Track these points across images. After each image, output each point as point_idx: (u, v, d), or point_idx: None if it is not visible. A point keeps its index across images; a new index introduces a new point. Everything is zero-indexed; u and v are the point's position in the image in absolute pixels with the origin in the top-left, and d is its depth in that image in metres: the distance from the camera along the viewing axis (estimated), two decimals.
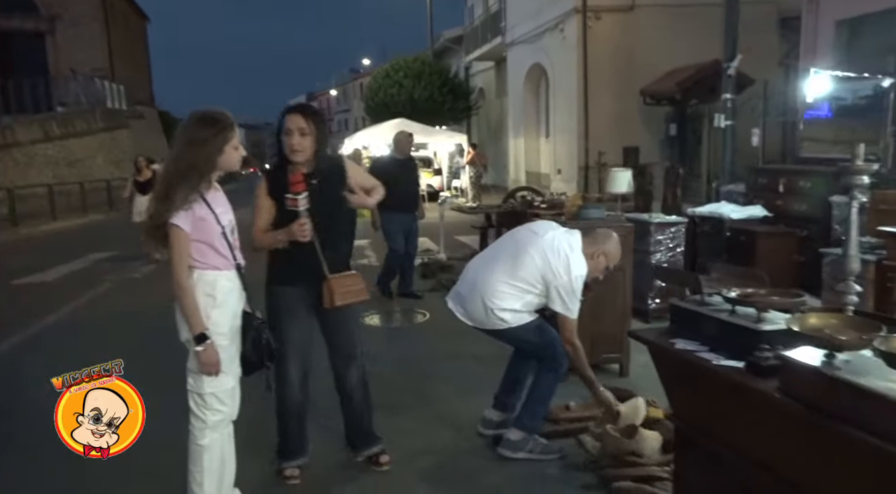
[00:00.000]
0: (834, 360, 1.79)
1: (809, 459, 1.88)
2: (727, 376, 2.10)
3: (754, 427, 2.09)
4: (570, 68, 15.63)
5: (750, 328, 2.17)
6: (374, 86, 23.43)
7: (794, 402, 1.84)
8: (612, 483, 2.97)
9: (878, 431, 1.58)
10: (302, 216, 2.85)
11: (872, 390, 1.61)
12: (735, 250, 5.66)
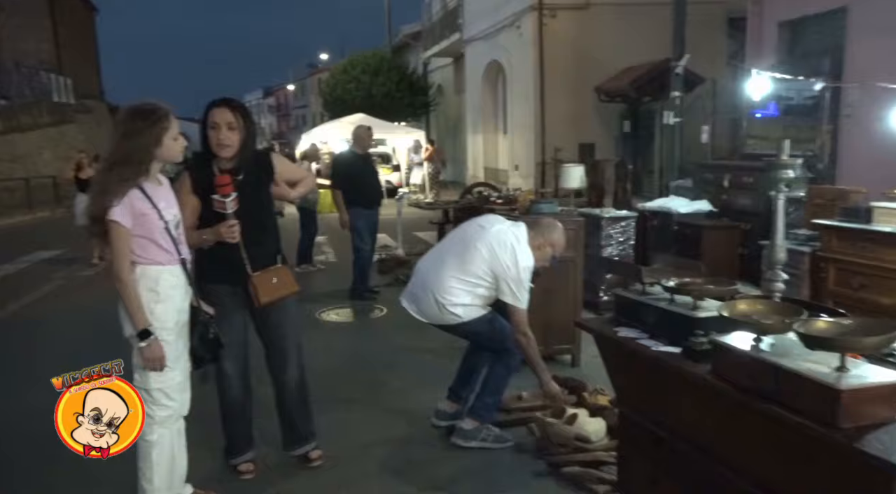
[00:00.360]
0: (760, 343, 1.90)
1: (741, 438, 1.98)
2: (665, 361, 2.20)
3: (691, 410, 2.19)
4: (526, 65, 15.79)
5: (686, 315, 2.27)
6: (331, 82, 23.25)
7: (725, 384, 1.94)
8: (562, 468, 3.06)
9: (798, 408, 1.69)
10: (230, 218, 2.80)
11: (793, 370, 1.72)
12: (683, 243, 5.84)
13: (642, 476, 2.48)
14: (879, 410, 1.62)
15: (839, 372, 1.65)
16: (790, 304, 2.06)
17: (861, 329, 1.73)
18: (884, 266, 3.61)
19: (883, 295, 3.62)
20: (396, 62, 24.20)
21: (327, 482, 3.10)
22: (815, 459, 1.70)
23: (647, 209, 6.39)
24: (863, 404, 1.60)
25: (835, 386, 1.60)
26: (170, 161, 2.62)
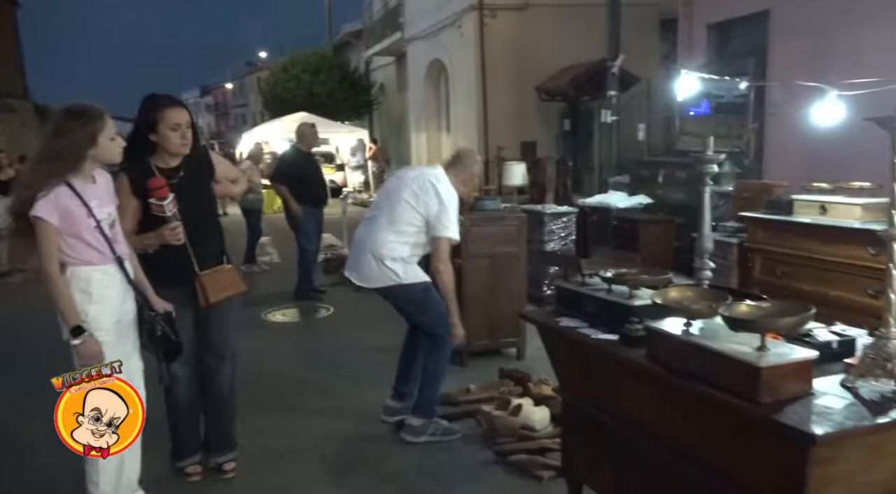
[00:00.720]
0: (690, 328, 2.02)
1: (674, 418, 2.11)
2: (603, 348, 2.31)
3: (628, 393, 2.31)
4: (468, 65, 15.94)
5: (623, 304, 2.39)
6: (271, 81, 22.86)
7: (659, 367, 2.06)
8: (508, 457, 3.15)
9: (724, 386, 1.82)
10: (172, 220, 2.77)
11: (718, 350, 1.84)
12: (621, 237, 6.05)
13: (584, 460, 2.59)
14: (795, 385, 1.76)
15: (760, 351, 1.78)
16: (717, 291, 2.20)
17: (778, 311, 1.87)
18: (804, 254, 3.84)
19: (804, 283, 3.86)
20: (338, 61, 23.98)
21: (278, 480, 3.10)
22: (740, 433, 1.83)
23: (587, 205, 6.58)
24: (780, 380, 1.74)
25: (755, 364, 1.73)
26: (106, 161, 2.58)
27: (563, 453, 2.80)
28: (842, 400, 1.72)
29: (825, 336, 2.09)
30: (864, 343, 1.99)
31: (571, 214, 6.15)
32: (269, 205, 13.18)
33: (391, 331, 5.38)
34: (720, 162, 2.35)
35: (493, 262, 4.58)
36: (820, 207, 3.83)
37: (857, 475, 1.69)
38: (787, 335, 2.09)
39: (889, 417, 1.64)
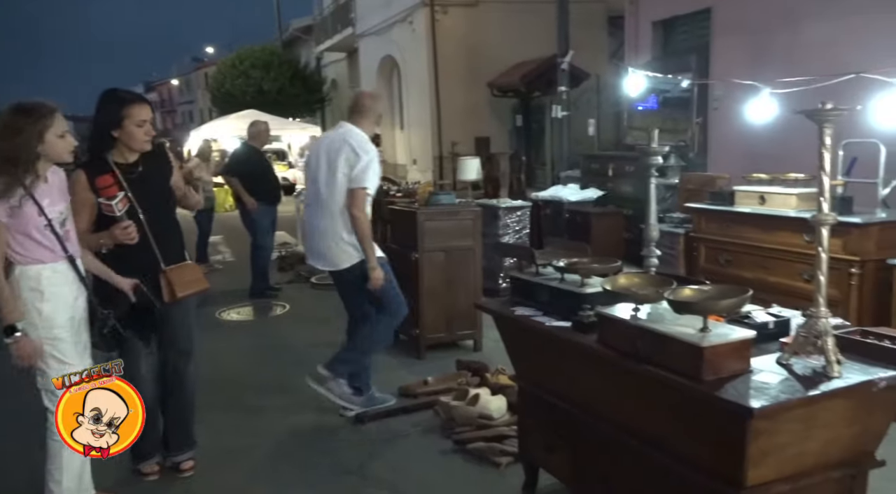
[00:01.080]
0: (638, 312, 2.12)
1: (625, 399, 2.20)
2: (557, 335, 2.39)
3: (581, 378, 2.40)
4: (420, 61, 15.96)
5: (575, 292, 2.48)
6: (219, 77, 22.40)
7: (610, 350, 2.15)
8: (467, 445, 3.22)
9: (670, 366, 1.91)
10: (122, 219, 2.71)
11: (664, 333, 1.94)
12: (573, 229, 6.20)
13: (540, 444, 2.68)
14: (735, 363, 1.87)
15: (702, 332, 1.88)
16: (663, 277, 2.30)
17: (718, 294, 1.98)
18: (745, 243, 4.02)
19: (745, 270, 4.04)
20: (288, 57, 23.65)
21: (236, 478, 3.09)
22: (686, 410, 1.93)
23: (540, 198, 6.70)
24: (721, 358, 1.84)
25: (698, 344, 1.83)
26: (56, 160, 2.53)
27: (519, 439, 2.88)
28: (777, 376, 1.84)
29: (763, 317, 2.21)
30: (797, 323, 2.12)
31: (525, 208, 6.26)
32: (220, 204, 12.96)
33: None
34: (665, 155, 2.45)
35: (449, 256, 4.64)
36: (759, 198, 4.01)
37: (792, 446, 1.81)
38: (728, 317, 2.23)
39: (819, 390, 1.76)
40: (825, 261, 1.88)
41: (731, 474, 1.81)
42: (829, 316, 1.88)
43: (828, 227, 1.88)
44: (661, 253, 5.03)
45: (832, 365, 1.82)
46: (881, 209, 3.70)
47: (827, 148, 1.84)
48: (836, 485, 1.96)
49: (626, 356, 2.07)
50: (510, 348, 2.82)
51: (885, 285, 3.34)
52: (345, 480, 3.01)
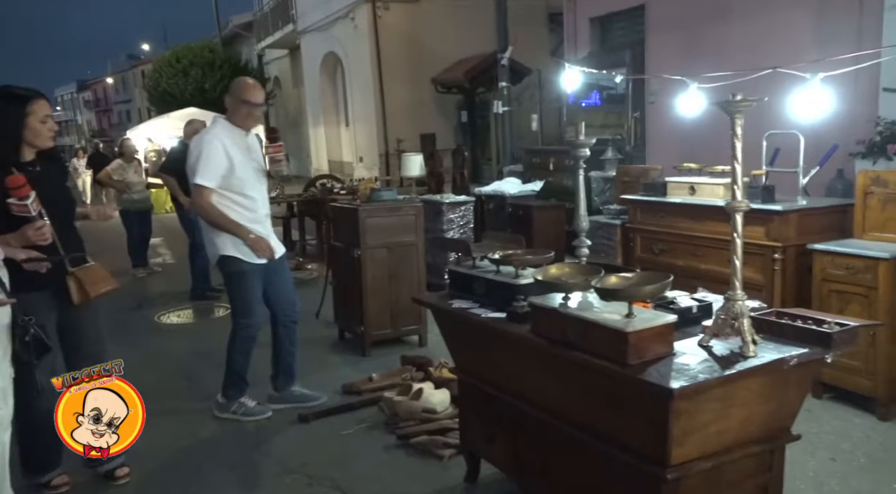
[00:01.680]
0: (568, 301, 2.17)
1: (558, 386, 2.25)
2: (492, 326, 2.43)
3: (517, 367, 2.44)
4: (363, 57, 15.86)
5: (509, 283, 2.52)
6: (155, 76, 21.72)
7: (542, 339, 2.20)
8: (410, 439, 3.23)
9: (598, 352, 1.97)
10: (37, 220, 2.59)
11: (592, 320, 2.00)
12: (516, 223, 6.27)
13: (480, 434, 2.72)
14: (659, 347, 1.94)
15: (627, 318, 1.94)
16: (592, 266, 2.36)
17: (642, 281, 2.05)
18: (677, 232, 4.16)
19: (678, 258, 4.17)
20: (228, 54, 23.11)
21: (176, 482, 3.03)
22: (614, 394, 1.99)
23: (483, 193, 6.76)
24: (645, 342, 1.90)
25: (623, 330, 1.89)
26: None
27: (460, 430, 2.91)
28: (697, 358, 1.92)
29: (687, 302, 2.29)
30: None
31: (469, 203, 6.30)
32: (161, 205, 12.59)
33: None
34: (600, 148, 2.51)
35: (392, 252, 4.64)
36: (689, 188, 4.15)
37: (712, 424, 1.89)
38: (656, 303, 2.31)
39: (735, 369, 1.84)
40: (740, 247, 1.97)
41: (656, 454, 1.88)
42: (745, 298, 1.97)
43: (741, 214, 1.96)
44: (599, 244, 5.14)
45: (748, 345, 1.91)
46: (802, 197, 3.88)
47: (738, 137, 1.92)
48: (755, 460, 2.05)
49: (557, 344, 2.12)
50: (449, 341, 2.85)
51: (806, 269, 3.51)
52: (287, 479, 2.98)
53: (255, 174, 3.51)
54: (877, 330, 3.18)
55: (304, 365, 4.47)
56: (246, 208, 3.46)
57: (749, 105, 1.89)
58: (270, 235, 3.61)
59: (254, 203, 3.49)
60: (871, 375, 3.22)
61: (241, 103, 3.45)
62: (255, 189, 3.51)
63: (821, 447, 3.00)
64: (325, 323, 5.30)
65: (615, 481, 2.05)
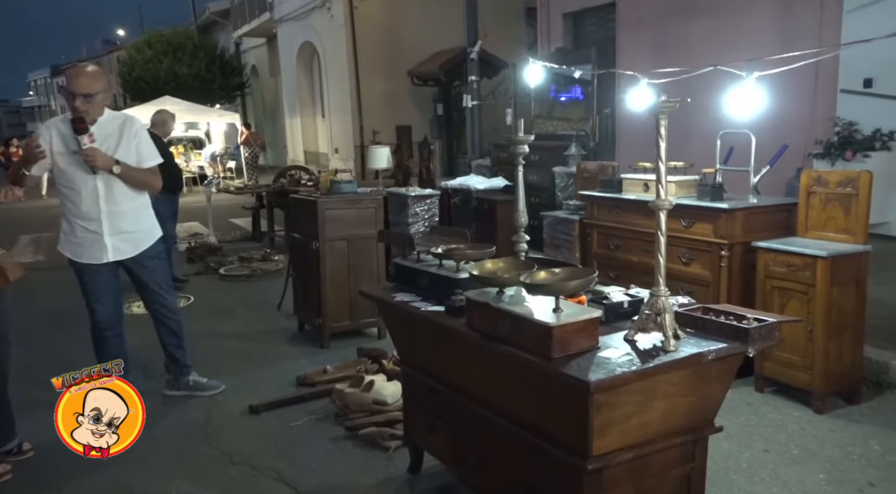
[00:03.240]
0: (502, 295, 2.20)
1: (492, 379, 2.29)
2: (431, 319, 2.45)
3: (454, 360, 2.47)
4: (339, 48, 15.76)
5: (449, 277, 2.54)
6: (129, 62, 21.40)
7: (475, 333, 2.23)
8: (359, 431, 3.26)
9: (526, 346, 2.00)
10: None
11: (520, 314, 2.03)
12: (481, 217, 6.31)
13: (422, 424, 2.75)
14: (584, 341, 1.97)
15: (554, 313, 1.98)
16: (527, 261, 2.40)
17: (568, 276, 2.08)
18: (631, 229, 4.21)
19: (632, 254, 4.23)
20: (204, 41, 22.84)
21: (120, 472, 3.02)
22: (540, 387, 2.03)
23: (449, 187, 6.78)
24: (570, 336, 1.94)
25: (548, 324, 1.93)
26: None
27: (404, 422, 2.94)
28: (620, 352, 1.96)
29: (619, 297, 2.34)
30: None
31: (434, 196, 6.32)
32: None
33: (251, 319, 5.37)
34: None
35: (351, 245, 4.64)
36: (643, 185, 4.20)
37: (633, 417, 1.94)
38: (590, 298, 2.35)
39: (654, 363, 1.88)
40: (664, 244, 2.01)
41: (579, 445, 1.92)
42: (668, 294, 2.01)
43: (665, 212, 2.00)
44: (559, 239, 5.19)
45: (669, 339, 1.95)
46: (753, 195, 3.95)
47: (662, 137, 1.96)
48: (678, 451, 2.11)
49: (489, 337, 2.16)
50: (392, 332, 2.88)
51: (751, 266, 3.58)
52: (231, 470, 2.99)
53: (83, 167, 3.34)
54: (814, 326, 3.27)
55: (262, 356, 4.49)
56: (72, 201, 3.41)
57: (672, 106, 1.93)
58: (104, 234, 3.44)
59: (78, 197, 3.37)
60: (809, 370, 3.31)
61: (66, 92, 3.37)
62: (82, 183, 3.36)
63: (757, 439, 3.08)
64: (285, 314, 5.31)
65: (543, 473, 2.09)
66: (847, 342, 3.36)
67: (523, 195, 2.59)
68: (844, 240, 3.32)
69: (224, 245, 8.51)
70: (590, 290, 2.41)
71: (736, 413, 3.32)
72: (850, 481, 2.71)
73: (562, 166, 6.19)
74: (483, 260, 2.43)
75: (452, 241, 2.85)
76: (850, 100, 6.28)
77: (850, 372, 3.41)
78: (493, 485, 2.37)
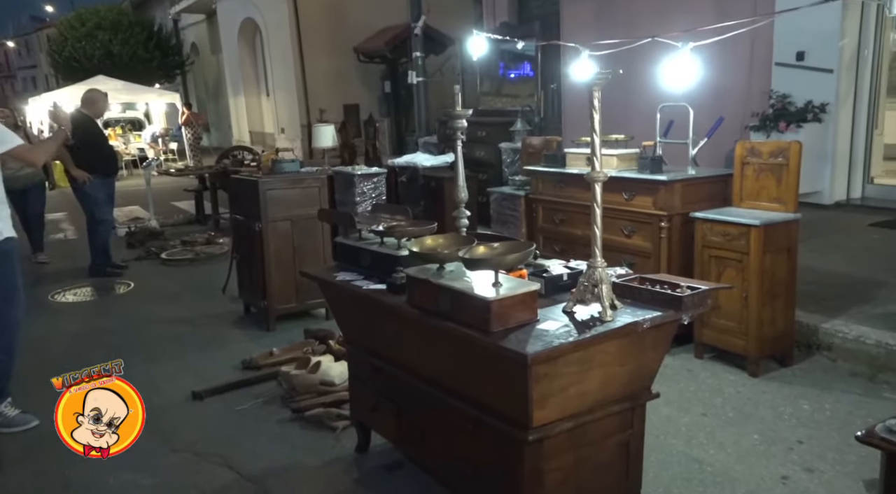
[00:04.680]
0: (442, 271, 2.19)
1: (432, 354, 2.28)
2: (372, 297, 2.43)
3: (396, 337, 2.46)
4: (282, 24, 15.34)
5: (391, 254, 2.52)
6: (59, 39, 20.37)
7: (416, 310, 2.22)
8: (305, 412, 3.23)
9: (466, 321, 2.00)
10: None
11: (459, 289, 2.02)
12: (429, 195, 6.27)
13: (367, 403, 2.73)
14: (522, 314, 1.98)
15: (493, 287, 1.98)
16: (467, 237, 2.39)
17: (507, 250, 2.09)
18: (575, 202, 4.24)
19: (576, 228, 4.27)
20: (139, 17, 21.90)
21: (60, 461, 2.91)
22: (481, 361, 2.03)
23: (396, 165, 6.71)
24: (509, 310, 1.95)
25: (486, 298, 1.93)
26: None
27: (350, 401, 2.92)
28: (558, 324, 1.98)
29: (559, 270, 2.36)
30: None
31: (381, 175, 6.26)
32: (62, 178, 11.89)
33: (195, 304, 5.24)
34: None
35: (295, 225, 4.56)
36: (586, 159, 4.23)
37: (571, 387, 1.96)
38: (531, 271, 2.36)
39: (590, 333, 1.91)
40: (599, 215, 2.02)
41: (519, 417, 1.94)
42: (605, 265, 2.03)
43: (600, 184, 2.01)
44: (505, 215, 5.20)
45: (605, 310, 1.98)
46: (692, 167, 4.02)
47: (596, 110, 1.97)
48: (617, 418, 2.15)
49: (430, 313, 2.15)
50: (335, 312, 2.85)
51: (690, 236, 3.67)
52: (172, 458, 2.93)
53: None
54: (749, 292, 3.38)
55: (206, 341, 4.39)
56: None
57: (606, 77, 1.93)
58: None
59: None
60: (744, 335, 3.42)
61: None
62: None
63: (696, 403, 3.18)
64: (230, 298, 5.19)
65: (486, 445, 2.11)
66: (779, 307, 3.49)
67: (462, 170, 2.58)
68: (776, 209, 3.43)
69: (166, 229, 8.26)
70: (531, 264, 2.43)
71: (676, 380, 3.42)
72: (782, 440, 2.83)
73: (508, 142, 6.19)
74: (423, 237, 2.41)
75: (394, 219, 2.82)
76: (783, 73, 6.46)
77: (783, 335, 3.54)
78: (438, 460, 2.39)
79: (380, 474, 2.74)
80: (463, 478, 2.23)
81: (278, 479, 2.73)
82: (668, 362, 3.54)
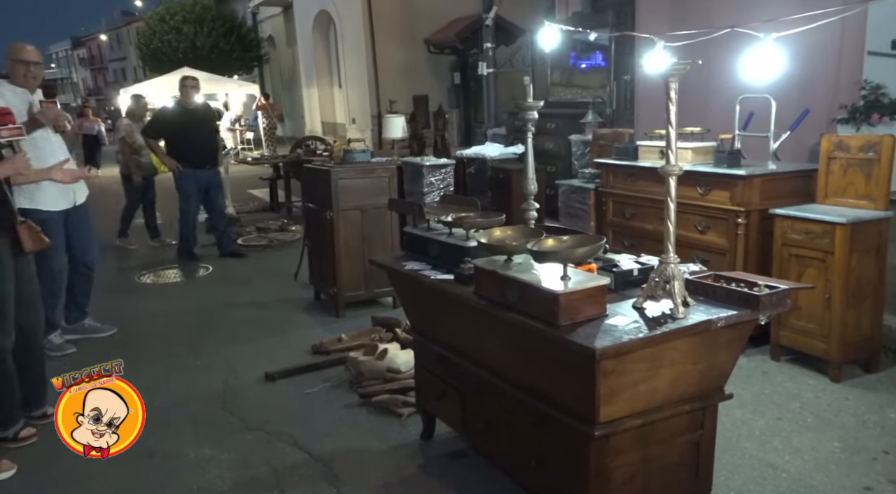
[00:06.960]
0: (510, 263, 2.19)
1: (498, 345, 2.29)
2: (440, 287, 2.46)
3: (463, 327, 2.48)
4: (355, 16, 15.58)
5: (459, 245, 2.54)
6: (147, 33, 21.38)
7: (483, 300, 2.23)
8: (372, 398, 3.30)
9: (533, 313, 2.00)
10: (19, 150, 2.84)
11: (527, 281, 2.02)
12: (496, 187, 6.25)
13: (433, 391, 2.77)
14: (591, 308, 1.96)
15: (562, 280, 1.97)
16: (536, 229, 2.38)
17: (576, 243, 2.07)
18: (646, 196, 4.15)
19: (648, 222, 4.18)
20: (221, 11, 22.71)
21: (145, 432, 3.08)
22: (548, 354, 2.03)
23: (464, 156, 6.72)
24: (577, 304, 1.93)
25: (555, 291, 1.92)
26: None
27: (416, 389, 2.97)
28: (628, 319, 1.95)
29: (629, 265, 2.32)
30: None
31: (449, 166, 6.27)
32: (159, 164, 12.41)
33: (268, 289, 5.42)
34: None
35: (365, 214, 4.65)
36: (659, 152, 4.13)
37: (640, 384, 1.93)
38: (600, 266, 2.33)
39: (662, 330, 1.87)
40: (673, 210, 1.97)
41: (586, 412, 1.92)
42: (678, 261, 1.99)
43: (675, 178, 1.96)
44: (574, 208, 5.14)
45: (678, 307, 1.94)
46: (772, 162, 3.86)
47: (672, 102, 1.92)
48: (687, 417, 2.10)
49: (497, 305, 2.16)
50: (402, 301, 2.90)
51: (768, 234, 3.53)
52: (247, 435, 3.06)
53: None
54: (832, 294, 3.22)
55: (278, 325, 4.55)
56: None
57: (683, 69, 1.88)
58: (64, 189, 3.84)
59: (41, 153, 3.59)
60: (826, 338, 3.27)
61: (19, 64, 3.62)
62: (44, 142, 3.64)
63: (771, 407, 3.06)
64: (302, 284, 5.35)
65: (551, 439, 2.11)
66: (866, 310, 3.31)
67: (532, 162, 2.57)
68: (865, 207, 3.25)
69: (242, 216, 8.58)
70: (600, 258, 2.40)
71: (751, 382, 3.31)
72: (865, 449, 2.69)
73: (578, 134, 6.10)
74: (492, 229, 2.42)
75: (463, 210, 2.83)
76: (877, 63, 6.07)
77: (869, 340, 3.37)
78: (502, 451, 2.40)
79: (444, 461, 2.78)
80: (527, 469, 2.23)
81: (346, 461, 2.81)
82: (743, 363, 3.43)
